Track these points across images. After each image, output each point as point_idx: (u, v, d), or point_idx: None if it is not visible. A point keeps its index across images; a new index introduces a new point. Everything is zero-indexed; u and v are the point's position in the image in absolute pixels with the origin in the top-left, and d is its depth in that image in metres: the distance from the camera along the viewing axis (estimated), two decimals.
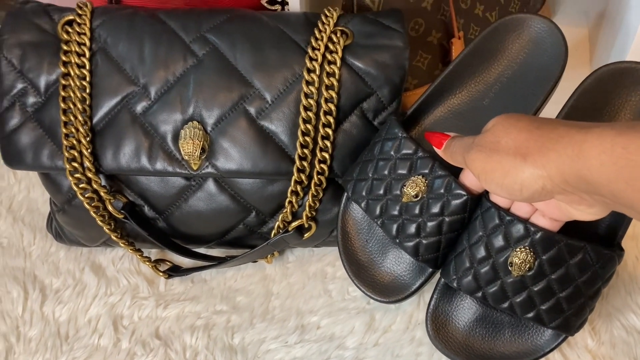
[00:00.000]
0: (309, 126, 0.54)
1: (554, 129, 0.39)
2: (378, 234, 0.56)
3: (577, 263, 0.47)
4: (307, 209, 0.56)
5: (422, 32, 0.68)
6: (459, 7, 0.70)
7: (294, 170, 0.54)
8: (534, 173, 0.39)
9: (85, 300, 0.60)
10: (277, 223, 0.57)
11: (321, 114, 0.54)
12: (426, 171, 0.51)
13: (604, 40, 0.74)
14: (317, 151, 0.55)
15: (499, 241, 0.48)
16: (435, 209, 0.51)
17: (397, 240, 0.52)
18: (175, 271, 0.61)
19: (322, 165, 0.55)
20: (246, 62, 0.54)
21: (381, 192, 0.53)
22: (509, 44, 0.57)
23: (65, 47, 0.54)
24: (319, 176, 0.55)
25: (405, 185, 0.51)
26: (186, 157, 0.53)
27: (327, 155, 0.55)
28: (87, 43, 0.55)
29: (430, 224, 0.51)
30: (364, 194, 0.53)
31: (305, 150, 0.54)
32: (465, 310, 0.53)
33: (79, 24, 0.55)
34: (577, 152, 0.37)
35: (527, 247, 0.47)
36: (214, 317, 0.58)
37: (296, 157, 0.54)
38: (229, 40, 0.54)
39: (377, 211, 0.53)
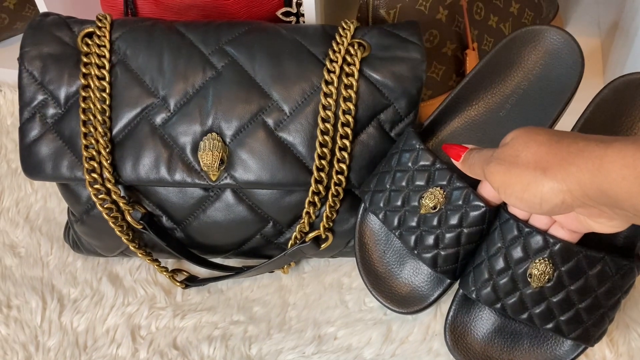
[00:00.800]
0: (326, 137, 0.54)
1: (573, 143, 0.39)
2: (395, 245, 0.56)
3: (596, 274, 0.47)
4: (324, 219, 0.56)
5: (436, 43, 0.68)
6: (473, 18, 0.70)
7: (312, 181, 0.55)
8: (554, 187, 0.39)
9: (103, 310, 0.60)
10: (294, 234, 0.57)
11: (339, 125, 0.54)
12: (444, 183, 0.51)
13: (617, 50, 0.74)
14: (335, 162, 0.55)
15: (517, 253, 0.48)
16: (454, 221, 0.51)
17: (416, 252, 0.52)
18: (192, 281, 0.61)
19: (340, 176, 0.55)
20: (265, 74, 0.54)
21: (399, 203, 0.53)
22: (525, 56, 0.58)
23: (85, 59, 0.55)
24: (336, 187, 0.55)
25: (423, 197, 0.52)
26: (205, 169, 0.54)
27: (344, 167, 0.55)
28: (107, 55, 0.55)
29: (448, 235, 0.51)
30: (381, 205, 0.54)
31: (323, 162, 0.54)
32: (484, 321, 0.53)
33: (98, 36, 0.55)
34: (597, 166, 0.37)
35: (546, 259, 0.47)
36: (231, 328, 0.58)
37: (314, 168, 0.54)
38: (248, 53, 0.55)
39: (395, 222, 0.53)
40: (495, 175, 0.42)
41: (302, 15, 0.68)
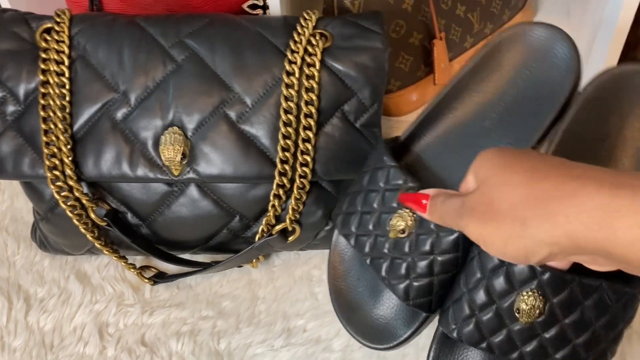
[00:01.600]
0: (289, 129, 0.54)
1: (559, 185, 0.32)
2: (369, 273, 0.53)
3: (593, 305, 0.42)
4: (290, 212, 0.56)
5: (403, 33, 0.68)
6: (439, 8, 0.70)
7: (276, 173, 0.54)
8: (538, 240, 0.32)
9: (70, 309, 0.59)
10: (261, 227, 0.57)
11: (302, 116, 0.54)
12: None
13: (586, 38, 0.74)
14: (299, 154, 0.54)
15: (500, 284, 0.43)
16: (426, 247, 0.47)
17: (387, 282, 0.48)
18: (160, 277, 0.61)
19: (304, 169, 0.55)
20: (226, 66, 0.54)
21: (370, 226, 0.49)
22: (512, 59, 0.53)
23: (44, 55, 0.54)
24: (301, 179, 0.55)
25: (392, 219, 0.47)
26: (167, 163, 0.53)
27: (309, 158, 0.54)
28: (66, 51, 0.54)
29: (420, 263, 0.47)
30: (353, 229, 0.50)
31: (287, 154, 0.54)
32: None
33: (57, 32, 0.55)
34: (597, 220, 0.30)
35: (534, 290, 0.42)
36: (200, 323, 0.58)
37: (277, 160, 0.54)
38: (208, 45, 0.54)
39: (367, 248, 0.49)
40: (472, 229, 0.36)
41: (268, 7, 0.67)
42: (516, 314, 0.42)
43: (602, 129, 0.51)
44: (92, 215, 0.56)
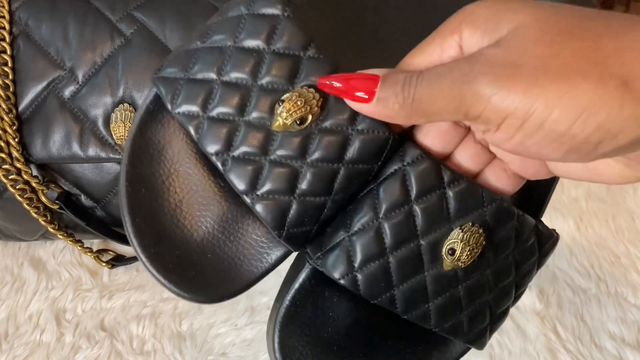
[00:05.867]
0: None
1: (629, 26, 0.24)
2: (208, 184, 0.32)
3: (527, 248, 0.32)
4: None
5: None
6: None
7: None
8: (637, 111, 0.23)
9: (25, 296, 0.57)
10: None
11: None
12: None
13: None
14: None
15: (433, 214, 0.30)
16: (330, 152, 0.29)
17: (250, 197, 0.30)
18: (118, 261, 0.59)
19: None
20: (177, 39, 0.52)
21: (232, 109, 0.29)
22: None
23: None
24: None
25: (281, 102, 0.29)
26: (119, 142, 0.51)
27: None
28: (7, 27, 0.52)
29: (315, 171, 0.30)
30: (197, 107, 0.30)
31: None
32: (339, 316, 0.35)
33: None
34: None
35: (477, 226, 0.30)
36: (161, 305, 0.57)
37: None
38: (158, 17, 0.52)
39: (225, 140, 0.30)
40: (514, 96, 0.24)
41: None
42: (447, 257, 0.31)
43: None
44: (43, 199, 0.54)
